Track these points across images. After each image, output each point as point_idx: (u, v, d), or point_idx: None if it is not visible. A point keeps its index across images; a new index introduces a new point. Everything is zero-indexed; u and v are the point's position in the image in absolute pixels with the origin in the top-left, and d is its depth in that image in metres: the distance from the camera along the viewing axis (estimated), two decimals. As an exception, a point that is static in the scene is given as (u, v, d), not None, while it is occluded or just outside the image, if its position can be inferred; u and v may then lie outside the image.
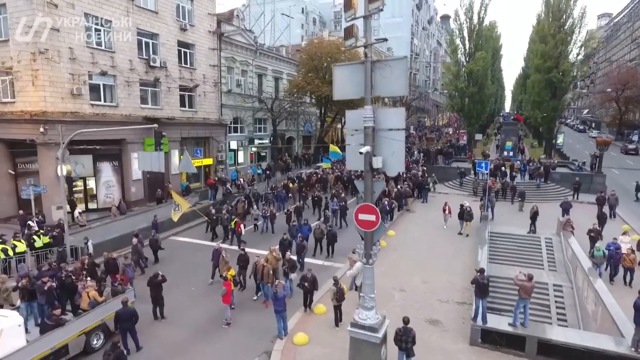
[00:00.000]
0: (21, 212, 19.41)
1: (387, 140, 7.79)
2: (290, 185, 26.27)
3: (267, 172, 30.38)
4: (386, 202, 20.69)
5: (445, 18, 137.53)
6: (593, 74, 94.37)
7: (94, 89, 21.52)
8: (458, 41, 45.33)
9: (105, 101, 22.13)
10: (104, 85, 22.04)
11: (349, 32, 8.03)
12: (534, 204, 19.86)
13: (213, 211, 19.66)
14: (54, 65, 19.12)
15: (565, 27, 39.71)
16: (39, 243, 15.25)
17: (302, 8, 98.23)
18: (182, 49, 27.01)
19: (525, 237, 19.03)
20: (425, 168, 30.80)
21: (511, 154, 36.21)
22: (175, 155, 26.59)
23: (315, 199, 22.92)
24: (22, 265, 11.70)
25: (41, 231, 15.87)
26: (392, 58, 8.01)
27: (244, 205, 22.26)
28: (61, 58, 19.45)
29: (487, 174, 21.43)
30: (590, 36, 41.17)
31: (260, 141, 36.32)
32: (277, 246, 14.66)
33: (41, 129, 18.63)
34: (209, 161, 29.75)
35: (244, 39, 32.58)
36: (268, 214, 19.83)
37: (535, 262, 17.46)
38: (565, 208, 19.87)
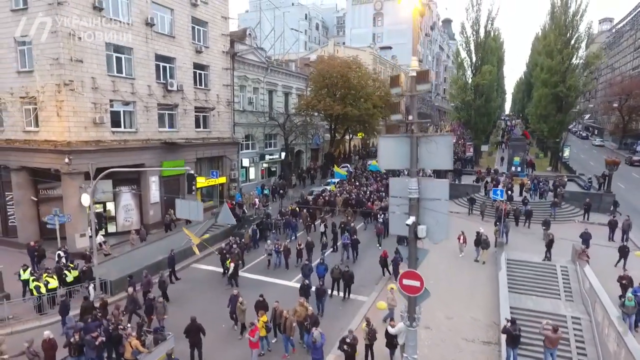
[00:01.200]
0: (32, 243, 19.19)
1: (431, 210, 8.14)
2: (298, 209, 25.89)
3: (281, 190, 30.58)
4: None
5: (447, 22, 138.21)
6: (595, 80, 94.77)
7: (115, 116, 21.85)
8: (464, 54, 45.80)
9: (125, 127, 22.48)
10: (124, 111, 22.40)
11: (395, 108, 8.39)
12: (550, 232, 20.14)
13: (223, 245, 19.28)
14: (77, 95, 19.46)
15: (572, 42, 40.16)
16: (69, 278, 15.56)
17: (306, 14, 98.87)
18: (197, 71, 27.38)
19: (541, 264, 19.38)
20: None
21: (519, 169, 36.61)
22: (190, 176, 26.91)
23: (331, 226, 22.56)
24: (70, 317, 11.93)
25: (71, 265, 16.16)
26: (438, 134, 8.37)
27: (250, 235, 21.90)
28: (84, 88, 19.79)
29: (503, 201, 21.78)
30: (596, 54, 41.35)
31: (271, 156, 36.66)
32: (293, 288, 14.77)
33: (66, 160, 18.95)
34: (222, 180, 30.05)
35: (256, 57, 32.93)
36: (281, 249, 19.29)
37: (552, 292, 17.81)
38: (585, 239, 20.04)
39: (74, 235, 19.91)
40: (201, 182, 27.84)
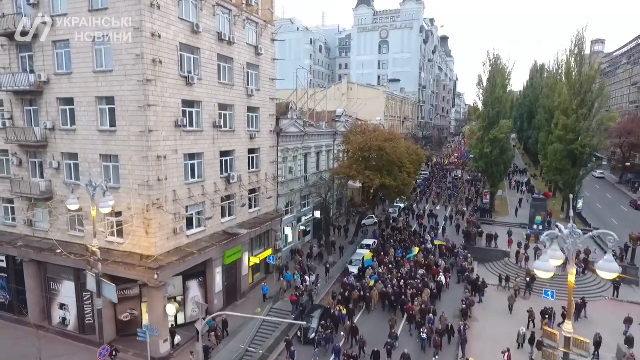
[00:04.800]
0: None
1: None
2: (340, 308, 24.76)
3: (327, 265, 31.86)
4: (462, 326, 22.64)
5: (444, 39, 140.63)
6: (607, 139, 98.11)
7: (188, 220, 23.03)
8: (482, 107, 47.85)
9: (195, 227, 23.67)
10: (195, 213, 23.60)
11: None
12: (597, 332, 21.97)
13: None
14: (162, 212, 20.63)
15: (587, 102, 42.40)
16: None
17: (311, 39, 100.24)
18: (250, 155, 28.64)
19: (591, 365, 21.22)
20: (469, 253, 33.08)
21: (541, 227, 38.66)
22: (246, 257, 28.22)
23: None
24: None
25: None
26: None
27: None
28: (167, 203, 20.96)
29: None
30: (611, 116, 43.77)
31: (306, 217, 38.06)
32: None
33: (155, 276, 20.09)
34: (268, 252, 31.36)
35: (296, 128, 34.30)
36: None
37: (605, 397, 19.72)
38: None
39: (158, 341, 21.11)
40: (254, 260, 29.22)
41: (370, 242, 36.65)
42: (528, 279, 29.18)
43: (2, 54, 22.66)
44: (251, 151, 28.65)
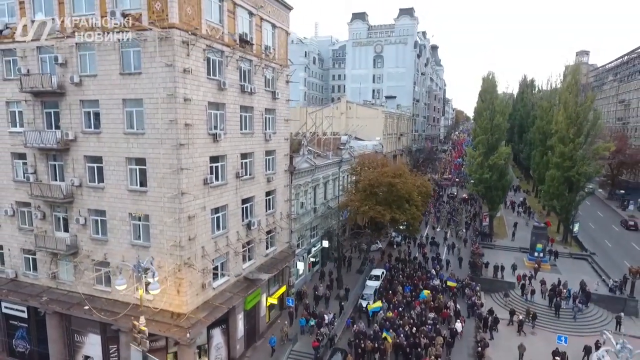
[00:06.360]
0: None
1: None
2: None
3: (342, 303, 32.35)
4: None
5: (434, 49, 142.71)
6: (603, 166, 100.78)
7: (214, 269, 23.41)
8: (481, 135, 49.11)
9: (220, 277, 24.04)
10: (220, 264, 23.98)
11: None
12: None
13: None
14: (192, 270, 20.98)
15: (583, 131, 44.01)
16: None
17: (305, 52, 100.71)
18: (267, 198, 29.09)
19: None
20: (478, 287, 34.10)
21: (542, 254, 40.05)
22: (264, 298, 28.66)
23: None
24: None
25: None
26: None
27: None
28: (196, 260, 21.32)
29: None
30: (606, 146, 45.46)
31: (315, 248, 38.64)
32: None
33: (187, 335, 20.42)
34: (283, 289, 31.83)
35: (307, 164, 34.85)
36: None
37: None
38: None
39: (188, 396, 21.46)
40: (271, 301, 29.68)
41: (378, 272, 37.39)
42: (522, 317, 29.63)
43: (27, 109, 22.64)
44: (268, 194, 29.08)
